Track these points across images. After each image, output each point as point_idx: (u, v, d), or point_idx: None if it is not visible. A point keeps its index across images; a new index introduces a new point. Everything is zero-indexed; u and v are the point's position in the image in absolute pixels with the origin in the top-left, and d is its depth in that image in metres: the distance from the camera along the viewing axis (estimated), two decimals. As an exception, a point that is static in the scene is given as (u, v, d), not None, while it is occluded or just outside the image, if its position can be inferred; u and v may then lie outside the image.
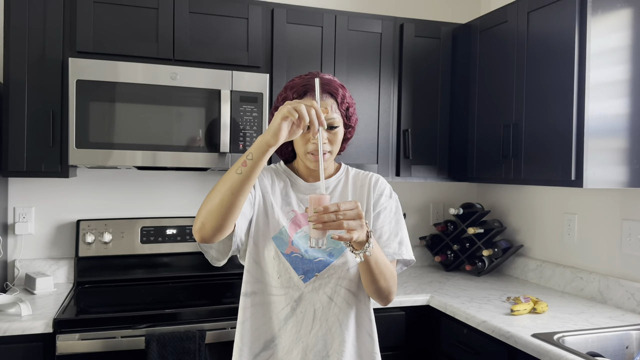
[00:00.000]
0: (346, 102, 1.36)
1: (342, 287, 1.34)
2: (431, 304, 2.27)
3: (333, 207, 1.09)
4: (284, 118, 1.12)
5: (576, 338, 1.77)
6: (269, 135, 1.14)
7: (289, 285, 1.33)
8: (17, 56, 2.08)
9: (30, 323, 1.84)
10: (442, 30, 2.63)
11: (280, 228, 1.35)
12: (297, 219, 1.37)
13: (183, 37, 2.25)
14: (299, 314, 1.33)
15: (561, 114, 2.00)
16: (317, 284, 1.33)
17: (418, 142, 2.61)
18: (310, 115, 1.13)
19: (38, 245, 2.46)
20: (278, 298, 1.34)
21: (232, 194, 1.15)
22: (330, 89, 1.33)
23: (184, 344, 1.93)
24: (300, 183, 1.42)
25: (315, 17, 2.43)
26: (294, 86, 1.35)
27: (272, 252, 1.34)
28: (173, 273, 2.53)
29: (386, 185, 1.44)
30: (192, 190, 2.67)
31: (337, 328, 1.33)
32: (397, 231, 1.39)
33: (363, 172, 1.47)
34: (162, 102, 2.16)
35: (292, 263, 1.33)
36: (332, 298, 1.34)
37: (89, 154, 2.09)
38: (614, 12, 1.95)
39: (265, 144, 1.14)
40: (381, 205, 1.40)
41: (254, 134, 2.27)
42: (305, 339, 1.33)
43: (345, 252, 1.34)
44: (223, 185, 1.16)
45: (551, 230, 2.56)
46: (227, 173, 1.17)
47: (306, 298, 1.33)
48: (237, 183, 1.15)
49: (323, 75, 1.36)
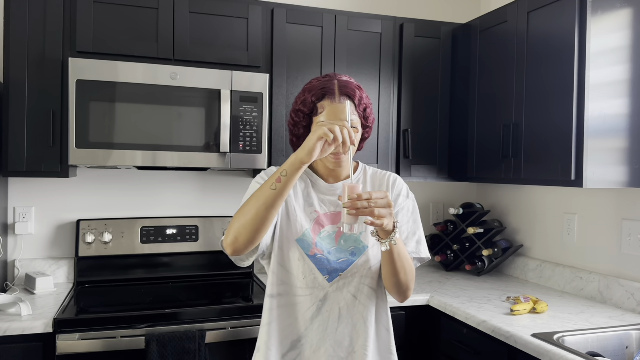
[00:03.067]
0: (364, 103, 1.39)
1: (364, 285, 1.39)
2: (431, 304, 2.27)
3: (366, 194, 1.16)
4: (319, 138, 1.19)
5: (576, 338, 1.77)
6: (303, 153, 1.21)
7: (314, 285, 1.37)
8: (17, 56, 2.08)
9: (30, 323, 1.84)
10: (442, 30, 2.63)
11: (303, 231, 1.39)
12: (319, 219, 1.41)
13: (183, 37, 2.25)
14: (324, 313, 1.37)
15: (561, 113, 2.00)
16: (342, 283, 1.38)
17: (418, 142, 2.61)
18: (344, 136, 1.20)
19: (38, 245, 2.46)
20: (304, 299, 1.38)
21: (266, 209, 1.22)
22: (348, 91, 1.36)
23: (184, 344, 1.93)
24: (320, 184, 1.45)
25: (315, 17, 2.43)
26: (312, 89, 1.38)
27: (296, 255, 1.37)
28: (173, 273, 2.54)
29: (403, 185, 1.49)
30: (192, 190, 2.67)
31: (362, 325, 1.38)
32: (414, 230, 1.45)
33: (380, 172, 1.51)
34: (162, 102, 2.16)
35: (316, 264, 1.37)
36: (355, 296, 1.39)
37: (89, 154, 2.09)
38: (614, 12, 1.95)
39: (300, 162, 1.21)
40: (399, 205, 1.45)
41: (254, 134, 2.27)
42: (332, 337, 1.37)
43: (367, 251, 1.38)
44: (257, 200, 1.23)
45: (551, 230, 2.56)
46: (261, 189, 1.24)
47: (331, 297, 1.37)
48: (271, 198, 1.22)
49: (340, 77, 1.39)
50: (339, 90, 1.34)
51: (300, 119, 1.40)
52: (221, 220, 2.62)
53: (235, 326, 2.04)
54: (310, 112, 1.37)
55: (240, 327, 2.04)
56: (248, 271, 2.65)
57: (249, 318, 2.06)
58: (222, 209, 2.71)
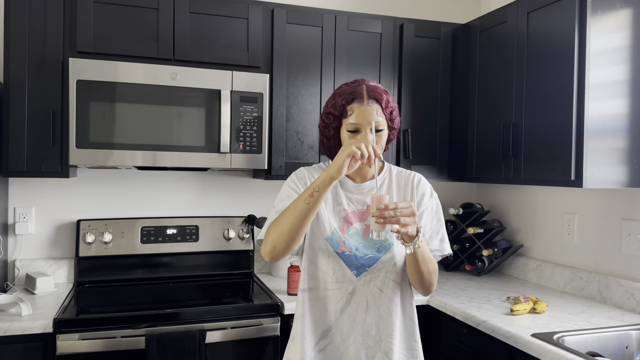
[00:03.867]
0: (390, 106, 1.48)
1: (390, 280, 1.50)
2: (431, 303, 2.27)
3: (392, 205, 1.28)
4: (348, 156, 1.32)
5: (576, 338, 1.77)
6: (333, 170, 1.33)
7: (343, 280, 1.49)
8: (17, 56, 2.08)
9: (30, 323, 1.84)
10: (442, 31, 2.63)
11: (332, 230, 1.49)
12: (348, 217, 1.51)
13: (183, 37, 2.25)
14: (353, 305, 1.48)
15: (561, 114, 2.00)
16: (368, 277, 1.49)
17: (418, 142, 2.61)
18: (369, 152, 1.33)
19: (38, 245, 2.46)
20: (333, 292, 1.49)
21: (301, 220, 1.37)
22: (375, 95, 1.45)
23: (184, 344, 1.93)
24: (348, 183, 1.54)
25: (315, 17, 2.43)
26: (342, 93, 1.47)
27: (326, 252, 1.49)
28: (173, 273, 2.54)
29: (427, 186, 1.58)
30: (192, 190, 2.67)
31: (388, 316, 1.49)
32: (438, 229, 1.56)
33: (405, 171, 1.61)
34: (162, 102, 2.16)
35: (345, 260, 1.48)
36: (381, 290, 1.49)
37: (89, 154, 2.09)
38: (614, 12, 1.95)
39: (330, 178, 1.34)
40: (424, 205, 1.55)
41: (254, 134, 2.27)
42: (360, 327, 1.48)
43: (392, 248, 1.49)
44: (292, 213, 1.38)
45: (551, 230, 2.56)
46: (296, 203, 1.38)
47: (359, 291, 1.49)
48: (305, 211, 1.36)
49: (368, 82, 1.49)
50: (367, 94, 1.44)
51: (330, 121, 1.49)
52: (221, 220, 2.62)
53: (235, 326, 2.04)
54: (340, 114, 1.46)
55: (240, 327, 2.04)
56: (248, 271, 2.65)
57: (249, 318, 2.06)
58: (222, 209, 2.71)
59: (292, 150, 2.42)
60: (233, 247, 2.62)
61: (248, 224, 2.66)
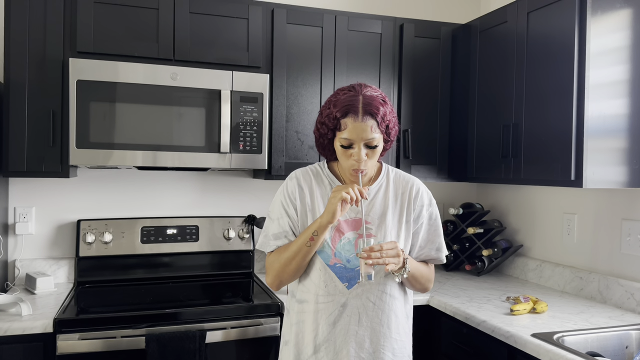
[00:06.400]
0: (386, 119, 1.44)
1: (381, 292, 1.51)
2: (431, 303, 2.27)
3: (377, 247, 1.37)
4: (339, 201, 1.39)
5: (576, 338, 1.77)
6: (328, 217, 1.40)
7: (335, 292, 1.50)
8: (18, 56, 2.08)
9: (30, 323, 1.84)
10: (442, 31, 2.63)
11: (324, 243, 1.50)
12: (340, 225, 1.51)
13: (183, 37, 2.26)
14: (345, 318, 1.49)
15: (561, 114, 2.00)
16: (360, 290, 1.50)
17: (418, 142, 2.61)
18: (357, 195, 1.39)
19: (38, 245, 2.46)
20: (325, 305, 1.50)
21: (303, 259, 1.48)
22: (371, 110, 1.41)
23: (184, 344, 1.93)
24: None
25: (315, 17, 2.43)
26: (337, 103, 1.44)
27: (318, 265, 1.51)
28: (173, 273, 2.54)
29: (426, 195, 1.60)
30: (192, 190, 2.67)
31: (380, 327, 1.50)
32: (434, 239, 1.60)
33: (404, 176, 1.61)
34: (162, 102, 2.16)
35: (336, 273, 1.49)
36: (374, 302, 1.50)
37: (89, 154, 2.09)
38: (614, 13, 1.95)
39: (327, 223, 1.42)
40: (422, 217, 1.58)
41: (254, 134, 2.28)
42: (353, 339, 1.49)
43: None
44: (296, 255, 1.47)
45: (551, 230, 2.56)
46: (297, 246, 1.46)
47: (351, 303, 1.49)
48: (306, 252, 1.46)
49: (366, 90, 1.43)
50: (362, 109, 1.40)
51: (325, 132, 1.48)
52: (221, 220, 2.62)
53: (236, 326, 2.04)
54: (334, 127, 1.44)
55: (241, 327, 2.05)
56: (248, 271, 2.65)
57: (249, 318, 2.07)
58: (222, 209, 2.71)
59: (292, 150, 2.42)
60: (233, 247, 2.62)
61: (248, 224, 2.66)
